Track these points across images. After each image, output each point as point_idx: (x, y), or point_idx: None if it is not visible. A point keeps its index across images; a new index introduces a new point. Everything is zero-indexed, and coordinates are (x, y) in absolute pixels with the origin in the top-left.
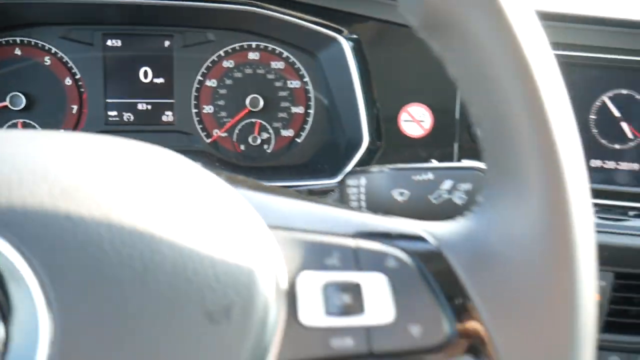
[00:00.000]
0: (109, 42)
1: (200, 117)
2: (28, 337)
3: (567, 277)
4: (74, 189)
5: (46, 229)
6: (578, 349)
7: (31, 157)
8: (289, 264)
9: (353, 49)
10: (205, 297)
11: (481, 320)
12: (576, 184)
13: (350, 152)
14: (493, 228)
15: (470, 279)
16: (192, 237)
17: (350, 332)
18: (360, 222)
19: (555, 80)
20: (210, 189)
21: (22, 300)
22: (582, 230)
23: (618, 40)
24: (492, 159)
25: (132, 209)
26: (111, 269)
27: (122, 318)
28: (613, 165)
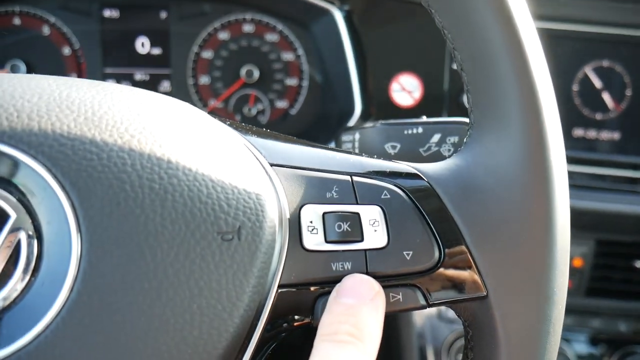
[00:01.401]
0: (107, 12)
1: (196, 88)
2: (60, 251)
3: (544, 202)
4: (98, 118)
5: (74, 152)
6: (554, 269)
7: (56, 90)
8: (293, 197)
9: (345, 20)
10: (218, 217)
11: (466, 246)
12: (551, 118)
13: (343, 123)
14: (477, 162)
15: (457, 209)
16: (204, 167)
17: (349, 257)
18: (357, 162)
19: (532, 25)
20: (217, 130)
21: (53, 216)
22: (557, 160)
23: (600, 13)
24: (476, 101)
25: (151, 139)
26: (133, 190)
27: (143, 234)
28: (594, 134)
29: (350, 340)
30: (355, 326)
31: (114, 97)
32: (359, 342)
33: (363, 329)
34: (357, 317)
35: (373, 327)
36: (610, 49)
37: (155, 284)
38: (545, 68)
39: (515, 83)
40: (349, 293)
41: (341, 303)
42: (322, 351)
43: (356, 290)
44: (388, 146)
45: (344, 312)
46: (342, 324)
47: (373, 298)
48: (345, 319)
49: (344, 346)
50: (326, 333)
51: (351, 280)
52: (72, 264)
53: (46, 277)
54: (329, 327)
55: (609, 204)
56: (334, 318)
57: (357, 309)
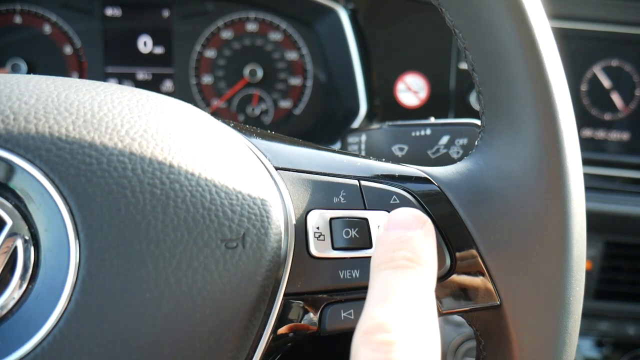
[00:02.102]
0: (109, 11)
1: (199, 88)
2: (58, 259)
3: (559, 210)
4: (97, 121)
5: (72, 156)
6: (570, 278)
7: (54, 92)
8: (299, 202)
9: (350, 19)
10: (221, 224)
11: (479, 253)
12: (567, 121)
13: (348, 123)
14: (490, 166)
15: (469, 215)
16: (207, 172)
17: (357, 264)
18: (365, 165)
19: (547, 25)
20: (220, 132)
21: (51, 223)
22: (573, 165)
23: (609, 11)
24: (488, 103)
25: (151, 143)
26: (134, 195)
27: (144, 241)
28: (603, 135)
29: (409, 265)
30: (412, 251)
31: (114, 99)
32: (419, 266)
33: (419, 253)
34: (410, 244)
35: (429, 252)
36: (620, 48)
37: (157, 294)
38: (561, 69)
39: (529, 85)
40: (397, 225)
41: (391, 234)
42: (382, 279)
43: (404, 221)
44: (395, 148)
45: (397, 240)
46: (397, 250)
47: (423, 226)
48: (400, 246)
49: (404, 271)
50: (382, 261)
51: (398, 213)
52: (71, 272)
53: (43, 286)
54: (384, 255)
55: (618, 206)
56: (388, 247)
57: (409, 236)
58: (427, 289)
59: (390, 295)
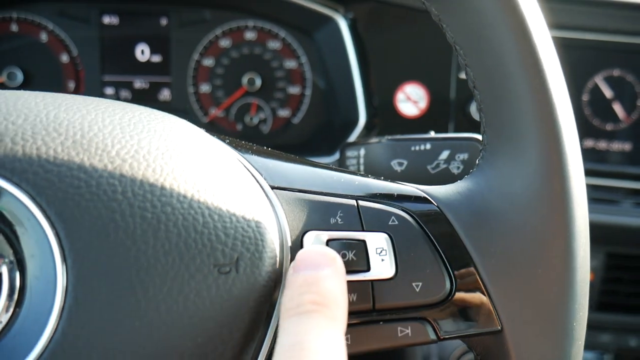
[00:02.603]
0: (106, 19)
1: (197, 96)
2: (44, 286)
3: (563, 234)
4: (87, 141)
5: (60, 179)
6: (573, 303)
7: (43, 111)
8: (295, 223)
9: (349, 28)
10: (214, 248)
11: (480, 277)
12: (571, 143)
13: (347, 132)
14: (491, 187)
15: (470, 237)
16: (200, 193)
17: (354, 288)
18: (363, 184)
19: (550, 42)
20: (215, 151)
21: (37, 249)
22: (577, 188)
23: (610, 21)
24: (490, 121)
25: (142, 164)
26: (124, 220)
27: (134, 267)
28: (605, 145)
29: (315, 309)
30: (318, 294)
31: (105, 118)
32: (325, 309)
33: (327, 295)
34: (318, 285)
35: (337, 292)
36: (621, 58)
37: (147, 322)
38: (564, 88)
39: (532, 104)
40: (305, 265)
41: (299, 275)
42: (289, 327)
43: (313, 260)
44: (394, 163)
45: (304, 283)
46: (304, 294)
47: (330, 264)
48: (307, 289)
49: (310, 315)
50: (289, 307)
51: (305, 253)
52: (57, 300)
53: (29, 315)
54: (291, 301)
55: (620, 217)
56: (295, 291)
57: (317, 277)
58: (335, 332)
59: (297, 344)
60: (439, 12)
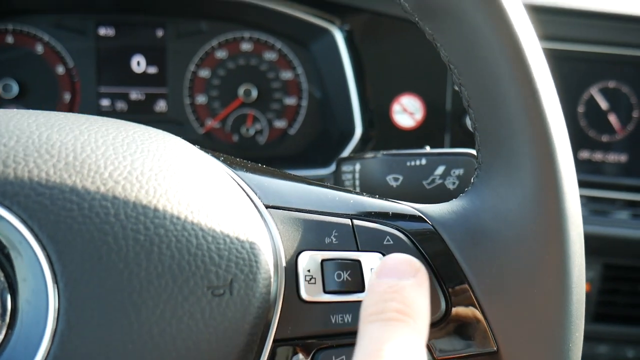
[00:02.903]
0: (102, 30)
1: (193, 108)
2: (36, 310)
3: (558, 253)
4: (80, 163)
5: (52, 201)
6: (569, 324)
7: (35, 132)
8: (289, 243)
9: (345, 40)
10: (208, 270)
11: (475, 297)
12: (565, 163)
13: (343, 144)
14: (486, 206)
15: (465, 256)
16: (194, 214)
17: (349, 308)
18: (358, 203)
19: (544, 62)
20: (209, 170)
21: (29, 273)
22: (572, 208)
23: (606, 33)
24: (484, 140)
25: (135, 185)
26: (116, 242)
27: (127, 290)
28: (601, 157)
29: (400, 318)
30: (403, 303)
31: (98, 138)
32: (410, 319)
33: (411, 305)
34: (402, 294)
35: (421, 303)
36: (617, 70)
37: (140, 346)
38: (558, 107)
39: (526, 124)
40: (390, 272)
41: (383, 282)
42: (371, 332)
43: (397, 268)
44: (390, 178)
45: (388, 290)
46: (389, 301)
47: (415, 275)
48: (391, 296)
49: (394, 324)
50: (372, 312)
51: (390, 260)
52: (49, 325)
53: (20, 338)
54: (374, 306)
55: (616, 229)
56: (379, 297)
57: (401, 286)
58: (418, 344)
59: (379, 351)
60: (433, 32)
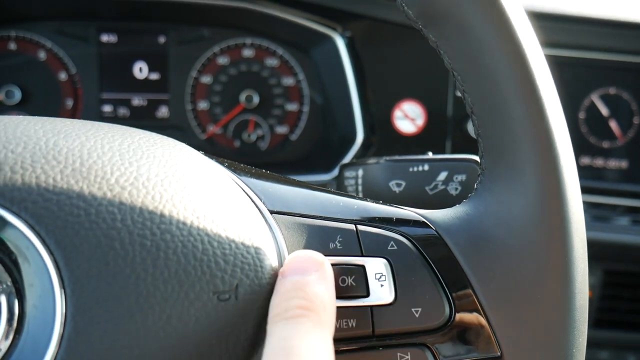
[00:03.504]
0: (104, 37)
1: (195, 113)
2: (43, 315)
3: (561, 259)
4: (86, 169)
5: (60, 207)
6: (573, 329)
7: (42, 138)
8: (294, 248)
9: (347, 46)
10: (214, 275)
11: (479, 302)
12: (568, 169)
13: (344, 149)
14: (489, 212)
15: (468, 262)
16: (199, 220)
17: (353, 313)
18: (361, 208)
19: (546, 68)
20: (214, 176)
21: (36, 278)
22: (575, 213)
23: (607, 40)
24: (487, 146)
25: (142, 191)
26: (123, 248)
27: (133, 295)
28: (602, 163)
29: (302, 313)
30: (305, 299)
31: (104, 144)
32: (312, 313)
33: (313, 299)
34: (305, 290)
35: (324, 296)
36: (617, 76)
37: (146, 351)
38: (561, 113)
39: (529, 130)
40: (292, 271)
41: (287, 280)
42: (276, 332)
43: (300, 266)
44: (393, 184)
45: (291, 287)
46: (291, 299)
47: (318, 269)
48: (294, 294)
49: (297, 320)
50: (277, 313)
51: (294, 257)
52: (56, 329)
53: (27, 343)
54: (278, 306)
55: (617, 234)
56: (282, 296)
57: (304, 282)
58: (323, 337)
59: (284, 349)
60: (437, 39)
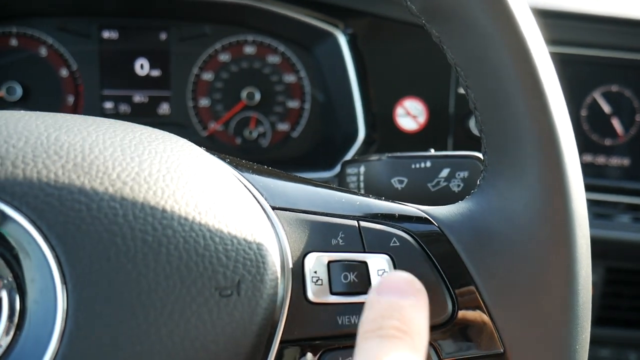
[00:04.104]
0: (105, 34)
1: (196, 110)
2: (44, 310)
3: (564, 254)
4: (88, 164)
5: (61, 202)
6: (576, 325)
7: (44, 133)
8: (296, 245)
9: (349, 43)
10: (215, 271)
11: (482, 299)
12: (572, 164)
13: (346, 146)
14: (492, 208)
15: (471, 258)
16: (201, 215)
17: (356, 310)
18: (364, 204)
19: (550, 64)
20: (216, 171)
21: (38, 273)
22: (578, 209)
23: (609, 37)
24: (491, 142)
25: (143, 186)
26: (125, 243)
27: (135, 291)
28: (604, 160)
29: (398, 335)
30: (401, 321)
31: (106, 139)
32: (407, 337)
33: (410, 324)
34: (401, 312)
35: (420, 323)
36: (620, 74)
37: (148, 346)
38: (565, 109)
39: (533, 126)
40: (390, 290)
41: (383, 300)
42: (369, 349)
43: (398, 287)
44: (395, 180)
45: (387, 307)
46: (387, 318)
47: (416, 295)
48: (390, 313)
49: (391, 341)
50: (370, 329)
51: (391, 277)
52: (57, 325)
53: (29, 338)
54: (372, 323)
55: (619, 232)
56: (376, 313)
57: (401, 305)
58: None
59: None
60: (440, 34)
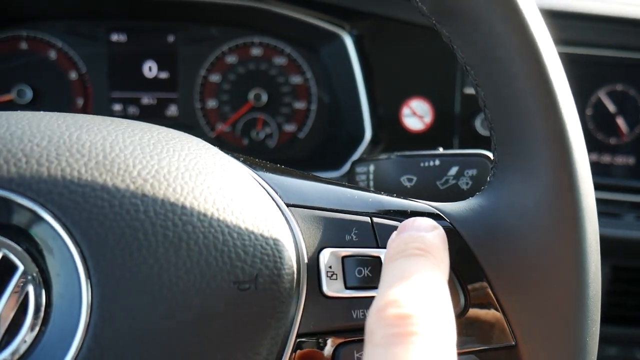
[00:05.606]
0: (114, 36)
1: (204, 112)
2: (69, 303)
3: (574, 248)
4: (109, 162)
5: (84, 199)
6: (586, 318)
7: (66, 132)
8: (311, 240)
9: (355, 44)
10: (234, 266)
11: (493, 293)
12: (581, 160)
13: (352, 147)
14: (503, 204)
15: (482, 253)
16: (219, 212)
17: (370, 304)
18: (376, 201)
19: (559, 62)
20: (231, 169)
21: (63, 268)
22: (588, 204)
23: (614, 37)
24: (500, 139)
25: (163, 184)
26: (146, 238)
27: (157, 285)
28: (609, 159)
29: (421, 253)
30: (423, 243)
31: (125, 138)
32: (430, 255)
33: (431, 247)
34: (423, 239)
35: (441, 248)
36: (624, 73)
37: (169, 339)
38: (573, 105)
39: (542, 122)
40: (410, 227)
41: (404, 234)
42: (395, 267)
43: (415, 224)
44: (404, 179)
45: (408, 236)
46: (410, 242)
47: (433, 229)
48: (412, 239)
49: (417, 259)
50: (395, 252)
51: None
52: (82, 318)
53: (54, 332)
54: (397, 247)
55: (625, 230)
56: (400, 240)
57: (421, 234)
58: (440, 274)
59: (402, 277)
60: (450, 34)
